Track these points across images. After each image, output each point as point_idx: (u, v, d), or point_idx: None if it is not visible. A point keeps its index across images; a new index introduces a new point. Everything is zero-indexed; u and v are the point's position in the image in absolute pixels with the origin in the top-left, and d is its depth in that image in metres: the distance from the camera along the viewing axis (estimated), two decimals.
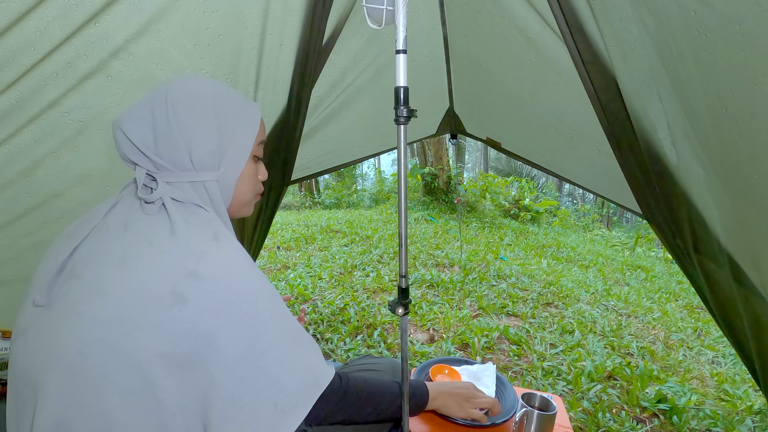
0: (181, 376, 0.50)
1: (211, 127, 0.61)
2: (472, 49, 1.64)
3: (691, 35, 0.72)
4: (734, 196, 0.85)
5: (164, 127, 0.59)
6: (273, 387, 0.53)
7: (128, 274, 0.51)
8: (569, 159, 1.71)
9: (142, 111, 0.60)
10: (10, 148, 0.99)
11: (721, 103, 0.74)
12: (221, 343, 0.50)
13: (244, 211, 0.73)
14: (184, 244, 0.54)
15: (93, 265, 0.54)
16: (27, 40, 0.85)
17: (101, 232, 0.58)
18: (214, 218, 0.61)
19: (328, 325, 2.18)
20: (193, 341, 0.49)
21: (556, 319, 2.42)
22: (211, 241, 0.56)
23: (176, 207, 0.58)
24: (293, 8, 1.21)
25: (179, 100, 0.60)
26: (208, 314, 0.50)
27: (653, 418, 1.58)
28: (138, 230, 0.56)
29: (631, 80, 1.01)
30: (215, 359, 0.50)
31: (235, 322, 0.52)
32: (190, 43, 1.10)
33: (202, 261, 0.53)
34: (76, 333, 0.50)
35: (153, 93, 0.62)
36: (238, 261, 0.56)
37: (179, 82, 0.62)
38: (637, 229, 6.51)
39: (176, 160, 0.60)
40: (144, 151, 0.59)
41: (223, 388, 0.50)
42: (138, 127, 0.59)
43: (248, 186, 0.69)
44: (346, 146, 2.07)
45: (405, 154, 0.84)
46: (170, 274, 0.51)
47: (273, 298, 0.57)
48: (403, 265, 0.83)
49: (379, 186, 9.28)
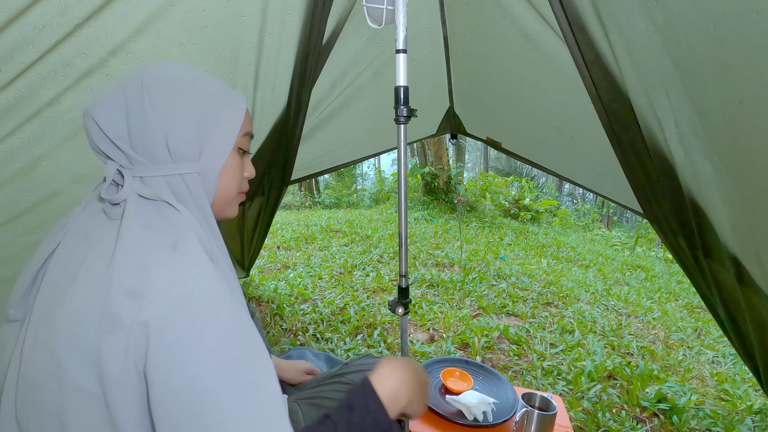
0: (138, 406, 0.45)
1: (190, 113, 0.56)
2: (473, 48, 1.63)
3: (703, 27, 0.71)
4: (746, 192, 0.84)
5: (139, 114, 0.54)
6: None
7: (75, 293, 0.47)
8: (570, 158, 1.71)
9: (115, 98, 0.55)
10: (8, 147, 0.99)
11: (735, 96, 0.73)
12: (154, 379, 0.44)
13: (228, 211, 0.66)
14: (128, 255, 0.47)
15: (52, 280, 0.50)
16: (26, 38, 0.85)
17: (65, 241, 0.54)
18: (184, 220, 0.53)
19: (328, 325, 2.17)
20: (134, 373, 0.44)
21: (556, 318, 2.42)
22: (164, 251, 0.48)
23: (140, 208, 0.52)
24: (293, 8, 1.21)
25: (155, 84, 0.55)
26: (143, 341, 0.44)
27: (653, 418, 1.58)
28: (95, 240, 0.52)
29: (637, 78, 1.00)
30: (152, 397, 0.44)
31: (169, 353, 0.44)
32: (189, 42, 1.10)
33: (143, 276, 0.46)
34: (31, 362, 0.46)
35: (127, 79, 0.57)
36: (190, 275, 0.47)
37: (155, 67, 0.57)
38: (637, 228, 6.50)
39: (152, 151, 0.55)
40: (116, 141, 0.54)
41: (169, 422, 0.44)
42: (110, 115, 0.54)
43: (232, 181, 0.63)
44: (346, 146, 2.07)
45: (405, 154, 0.84)
46: (111, 293, 0.45)
47: (228, 325, 0.47)
48: (403, 264, 0.83)
49: (379, 186, 9.27)
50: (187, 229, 0.52)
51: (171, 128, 0.55)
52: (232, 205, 0.66)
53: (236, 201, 0.67)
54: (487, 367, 1.31)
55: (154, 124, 0.54)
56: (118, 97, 0.55)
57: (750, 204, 0.85)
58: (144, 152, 0.55)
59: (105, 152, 0.56)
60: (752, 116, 0.72)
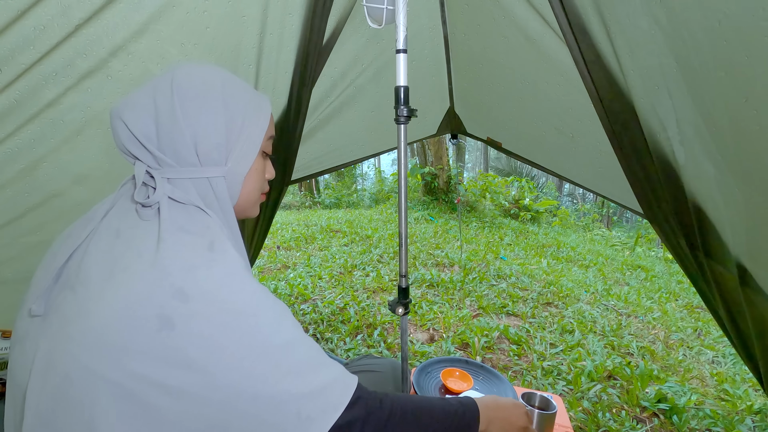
0: (180, 404, 0.45)
1: (219, 118, 0.56)
2: (473, 48, 1.63)
3: (708, 24, 0.71)
4: (749, 192, 0.83)
5: (168, 117, 0.54)
6: (284, 413, 0.47)
7: (114, 291, 0.47)
8: (570, 159, 1.71)
9: (144, 99, 0.55)
10: (9, 148, 0.99)
11: (740, 94, 0.73)
12: (215, 373, 0.45)
13: (250, 211, 0.67)
14: (172, 256, 0.48)
15: (84, 278, 0.50)
16: (26, 38, 0.85)
17: (95, 239, 0.54)
18: (214, 223, 0.55)
19: (328, 325, 2.17)
20: (186, 369, 0.45)
21: (556, 318, 2.42)
22: (205, 252, 0.50)
23: (172, 211, 0.53)
24: (293, 8, 1.21)
25: (186, 87, 0.55)
26: (198, 339, 0.45)
27: (653, 418, 1.58)
28: (130, 239, 0.52)
29: (639, 78, 1.00)
30: (211, 390, 0.45)
31: (230, 347, 0.46)
32: (189, 43, 1.10)
33: (190, 277, 0.47)
34: (64, 356, 0.46)
35: (156, 80, 0.56)
36: (233, 275, 0.50)
37: (185, 69, 0.57)
38: (637, 228, 6.51)
39: (180, 154, 0.55)
40: (145, 143, 0.54)
41: (226, 422, 0.46)
42: (139, 116, 0.54)
43: (256, 183, 0.64)
44: (346, 146, 2.06)
45: (405, 154, 0.84)
46: (157, 294, 0.46)
47: (276, 314, 0.51)
48: (403, 264, 0.83)
49: (379, 186, 9.28)
50: (219, 232, 0.54)
51: (200, 133, 0.55)
52: (254, 207, 0.68)
53: (258, 202, 0.68)
54: (487, 367, 1.31)
55: (184, 127, 0.54)
56: (147, 98, 0.55)
57: (753, 204, 0.84)
58: (172, 155, 0.55)
59: (133, 153, 0.56)
60: (759, 114, 0.72)
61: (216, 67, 0.60)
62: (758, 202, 0.83)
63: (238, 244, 0.61)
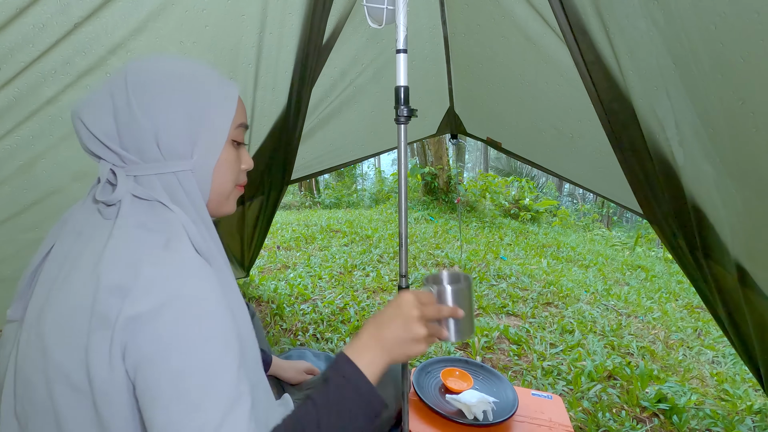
0: (127, 406, 0.45)
1: (178, 109, 0.54)
2: (473, 48, 1.63)
3: (704, 26, 0.71)
4: (747, 193, 0.84)
5: (126, 112, 0.52)
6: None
7: (66, 292, 0.46)
8: (570, 159, 1.71)
9: (102, 97, 0.53)
10: (8, 145, 0.99)
11: (737, 96, 0.73)
12: (137, 374, 0.44)
13: (225, 207, 0.64)
14: (117, 253, 0.47)
15: (44, 280, 0.50)
16: (25, 36, 0.85)
17: (59, 241, 0.53)
18: (177, 219, 0.52)
19: (328, 325, 2.17)
20: (120, 371, 0.44)
21: (556, 318, 2.42)
22: (155, 249, 0.48)
23: (135, 208, 0.52)
24: (293, 7, 1.21)
25: (140, 81, 0.53)
26: (128, 336, 0.44)
27: (653, 418, 1.58)
28: (88, 239, 0.51)
29: (637, 78, 1.00)
30: (137, 392, 0.44)
31: (153, 348, 0.44)
32: (188, 41, 1.10)
33: (131, 273, 0.45)
34: (26, 360, 0.46)
35: (113, 75, 0.54)
36: (179, 273, 0.47)
37: (139, 62, 0.55)
38: (637, 228, 6.51)
39: (142, 150, 0.53)
40: (106, 142, 0.52)
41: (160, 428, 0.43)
42: (98, 115, 0.52)
43: (228, 175, 0.61)
44: (346, 146, 2.07)
45: (405, 154, 0.84)
46: (99, 291, 0.44)
47: (211, 327, 0.47)
48: (403, 264, 0.83)
49: (379, 186, 9.27)
50: (180, 229, 0.52)
51: (160, 126, 0.53)
52: (229, 201, 0.64)
53: (234, 195, 0.65)
54: (487, 367, 1.31)
55: (142, 122, 0.52)
56: (104, 95, 0.53)
57: (751, 205, 0.84)
58: (135, 151, 0.53)
59: (96, 153, 0.55)
60: (755, 116, 0.72)
61: (174, 57, 0.58)
62: (756, 203, 0.83)
63: (215, 239, 0.58)
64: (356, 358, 0.56)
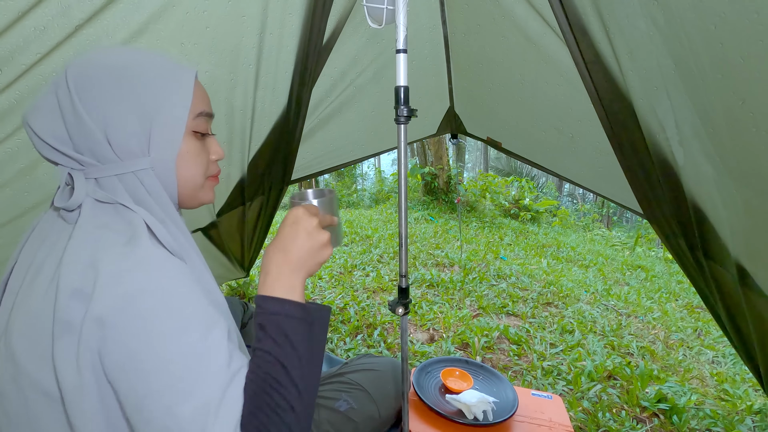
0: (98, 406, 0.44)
1: (124, 105, 0.50)
2: (473, 48, 1.63)
3: (704, 27, 0.71)
4: (748, 193, 0.84)
5: (72, 114, 0.49)
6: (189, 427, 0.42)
7: (29, 300, 0.45)
8: (570, 159, 1.71)
9: (48, 99, 0.50)
10: (9, 148, 0.99)
11: (737, 96, 0.73)
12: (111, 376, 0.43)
13: (201, 197, 0.61)
14: (76, 255, 0.45)
15: (12, 290, 0.49)
16: (26, 39, 0.85)
17: (25, 248, 0.52)
18: (139, 219, 0.50)
19: (328, 325, 2.18)
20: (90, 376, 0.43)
21: (556, 318, 2.42)
22: (116, 248, 0.46)
23: (95, 210, 0.50)
24: (293, 8, 1.21)
25: (81, 78, 0.49)
26: (96, 339, 0.42)
27: (653, 418, 1.58)
28: (52, 244, 0.49)
29: (637, 78, 1.00)
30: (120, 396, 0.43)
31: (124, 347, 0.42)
32: (189, 43, 1.10)
33: (90, 274, 0.43)
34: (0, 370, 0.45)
35: (57, 76, 0.51)
36: (141, 268, 0.44)
37: (80, 59, 0.51)
38: (637, 228, 6.50)
39: (96, 152, 0.50)
40: (59, 147, 0.50)
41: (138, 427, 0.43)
42: (45, 119, 0.50)
43: (194, 168, 0.57)
44: (346, 146, 2.07)
45: (405, 154, 0.84)
46: (59, 297, 0.43)
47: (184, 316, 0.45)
48: (403, 264, 0.83)
49: (379, 186, 9.27)
50: (143, 228, 0.49)
51: (109, 125, 0.50)
52: (204, 191, 0.61)
53: (208, 186, 0.62)
54: (487, 367, 1.31)
55: (89, 122, 0.49)
56: (50, 98, 0.50)
57: (751, 205, 0.85)
58: (89, 153, 0.51)
59: (51, 159, 0.52)
60: (755, 116, 0.72)
61: (117, 48, 0.54)
62: (756, 203, 0.83)
63: (187, 237, 0.56)
64: (273, 292, 0.55)
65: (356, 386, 0.97)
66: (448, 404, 1.15)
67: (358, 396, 0.95)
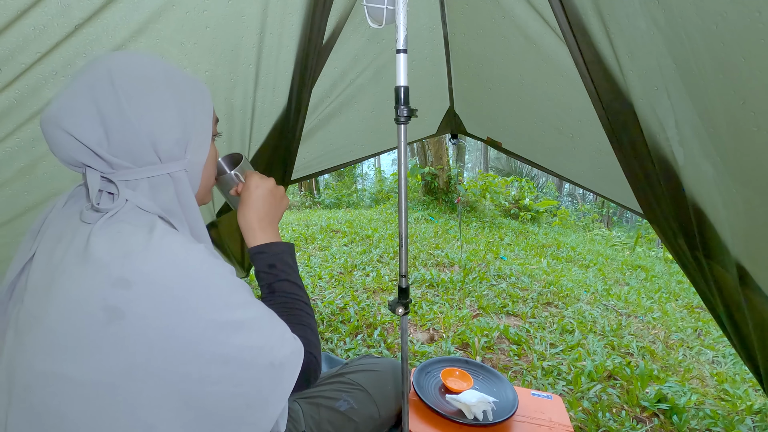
0: (151, 388, 0.45)
1: (172, 112, 0.53)
2: (473, 48, 1.63)
3: (705, 26, 0.71)
4: (748, 193, 0.84)
5: (117, 118, 0.49)
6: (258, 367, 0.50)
7: (57, 295, 0.45)
8: (570, 159, 1.71)
9: (83, 101, 0.50)
10: (9, 147, 0.99)
11: (738, 96, 0.73)
12: (177, 350, 0.45)
13: (207, 198, 0.68)
14: (104, 248, 0.46)
15: (30, 287, 0.49)
16: (26, 38, 0.85)
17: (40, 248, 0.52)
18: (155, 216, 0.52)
19: (328, 325, 2.17)
20: (147, 354, 0.44)
21: (556, 318, 2.42)
22: (141, 237, 0.47)
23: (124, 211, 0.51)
24: (293, 7, 1.21)
25: (129, 83, 0.50)
26: (153, 321, 0.44)
27: (653, 418, 1.58)
28: (69, 242, 0.50)
29: (638, 78, 1.00)
30: (178, 366, 0.46)
31: (185, 322, 0.46)
32: (189, 42, 1.10)
33: (128, 263, 0.45)
34: (20, 367, 0.45)
35: (88, 76, 0.50)
36: (175, 252, 0.48)
37: (121, 61, 0.52)
38: (637, 228, 6.51)
39: (136, 155, 0.52)
40: (96, 149, 0.50)
41: (203, 392, 0.47)
42: (83, 122, 0.49)
43: (212, 170, 0.66)
44: (346, 146, 2.07)
45: (405, 154, 0.84)
46: (96, 287, 0.44)
47: (225, 279, 0.51)
48: (403, 264, 0.83)
49: (379, 186, 9.27)
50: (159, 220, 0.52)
51: (157, 131, 0.52)
52: (209, 193, 0.69)
53: (212, 187, 0.71)
54: (487, 367, 1.31)
55: (138, 128, 0.50)
56: (85, 100, 0.50)
57: (752, 205, 0.85)
58: (126, 156, 0.51)
59: (83, 162, 0.52)
60: (756, 115, 0.72)
61: (152, 56, 0.56)
62: (757, 203, 0.83)
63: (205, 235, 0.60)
64: (269, 239, 0.70)
65: (357, 386, 0.97)
66: (448, 404, 1.15)
67: (358, 396, 0.96)
